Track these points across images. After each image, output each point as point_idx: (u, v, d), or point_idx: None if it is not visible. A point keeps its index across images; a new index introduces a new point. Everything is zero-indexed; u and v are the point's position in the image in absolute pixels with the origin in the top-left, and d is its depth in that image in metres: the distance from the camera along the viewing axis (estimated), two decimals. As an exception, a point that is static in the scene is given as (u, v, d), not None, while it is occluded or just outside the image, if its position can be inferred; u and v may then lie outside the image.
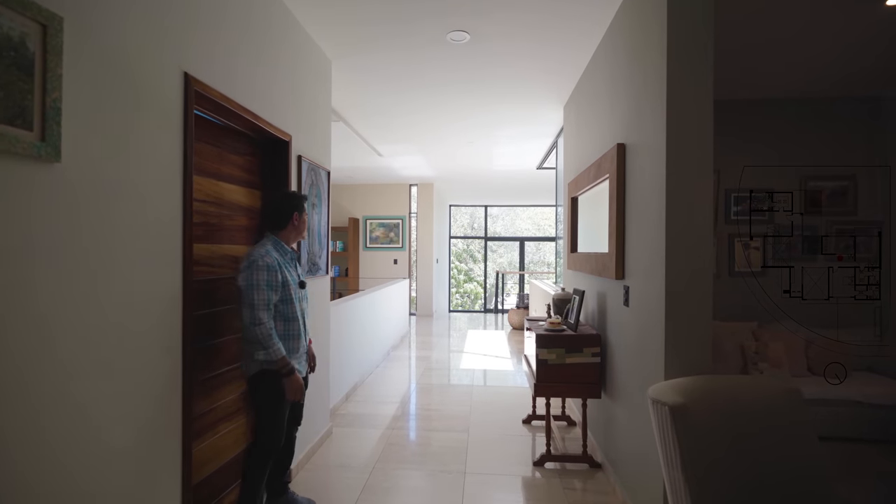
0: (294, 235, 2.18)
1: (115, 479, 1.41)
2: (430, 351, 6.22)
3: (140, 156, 1.50)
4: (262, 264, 1.96)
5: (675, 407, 1.45)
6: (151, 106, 1.54)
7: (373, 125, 4.96)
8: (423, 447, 3.12)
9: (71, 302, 1.25)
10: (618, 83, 2.54)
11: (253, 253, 2.00)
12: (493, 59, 3.25)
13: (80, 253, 1.28)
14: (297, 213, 2.15)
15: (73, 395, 1.27)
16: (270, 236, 2.12)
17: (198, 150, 2.00)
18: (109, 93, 1.37)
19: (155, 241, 1.57)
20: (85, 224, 1.29)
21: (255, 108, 2.23)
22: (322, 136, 3.13)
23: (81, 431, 1.29)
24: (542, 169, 6.97)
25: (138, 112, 1.49)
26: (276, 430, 2.05)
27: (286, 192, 2.17)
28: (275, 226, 2.13)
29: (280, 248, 2.10)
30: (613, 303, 2.59)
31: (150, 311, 1.56)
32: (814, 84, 3.53)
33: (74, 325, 1.27)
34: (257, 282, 1.95)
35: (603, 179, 2.71)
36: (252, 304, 1.94)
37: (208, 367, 2.08)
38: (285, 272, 2.05)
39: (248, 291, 1.94)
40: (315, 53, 2.98)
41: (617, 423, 2.54)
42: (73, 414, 1.27)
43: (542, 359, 2.75)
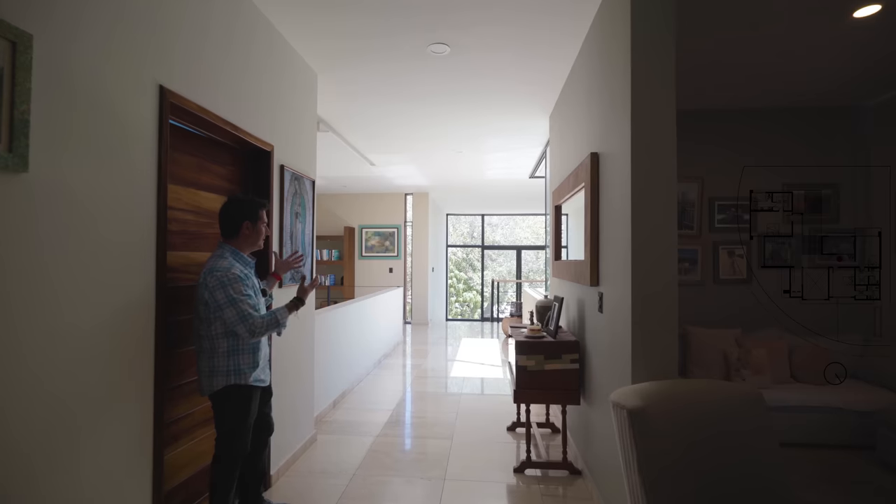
0: (247, 245, 2.05)
1: (80, 485, 1.44)
2: (423, 359, 6.23)
3: (112, 166, 1.55)
4: (230, 276, 1.87)
5: (632, 410, 1.48)
6: (124, 118, 1.60)
7: (363, 136, 5.04)
8: (406, 454, 3.13)
9: (38, 307, 1.30)
10: (592, 93, 2.59)
11: (216, 267, 1.88)
12: (475, 70, 3.32)
13: (49, 261, 1.33)
14: (248, 222, 2.02)
15: (38, 400, 1.30)
16: (227, 246, 2.00)
17: (177, 160, 2.06)
18: (80, 105, 1.42)
19: (126, 248, 1.62)
20: (52, 233, 1.34)
21: (237, 120, 2.29)
22: (307, 147, 3.19)
23: (41, 441, 1.33)
24: (535, 178, 7.03)
25: (110, 124, 1.54)
26: (242, 440, 1.98)
27: (238, 197, 2.04)
28: (227, 234, 2.02)
29: (240, 260, 2.00)
30: (590, 309, 2.62)
31: (122, 319, 1.60)
32: (793, 94, 3.59)
33: (41, 331, 1.31)
34: (233, 295, 1.85)
35: (580, 188, 2.76)
36: (239, 317, 1.84)
37: (186, 372, 2.12)
38: (252, 280, 2.00)
39: (230, 307, 1.84)
40: (300, 66, 3.05)
41: (594, 429, 2.55)
42: (35, 423, 1.30)
43: (521, 365, 2.77)
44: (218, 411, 1.96)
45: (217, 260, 1.93)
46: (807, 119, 3.85)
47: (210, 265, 1.91)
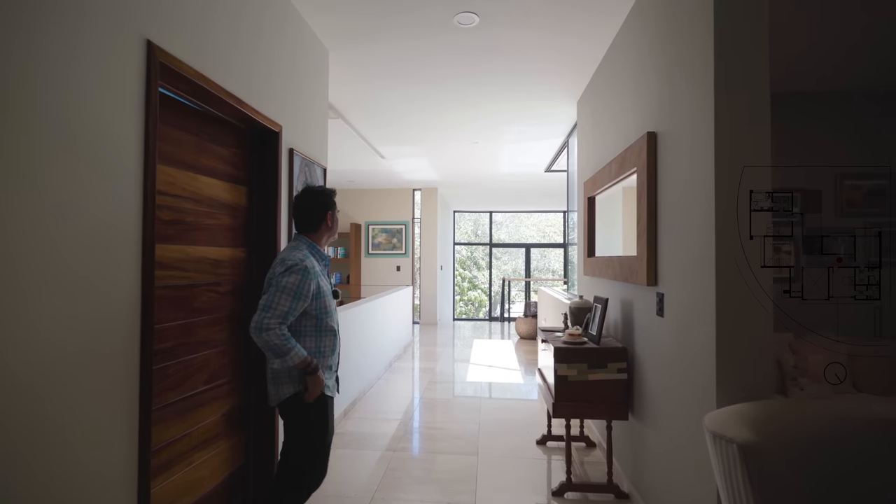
0: (327, 237, 1.98)
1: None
2: (435, 362, 5.91)
3: (85, 139, 1.23)
4: (300, 267, 1.74)
5: (745, 446, 1.16)
6: (102, 80, 1.28)
7: (374, 124, 4.72)
8: (427, 472, 2.82)
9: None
10: (644, 68, 2.27)
11: (289, 257, 1.78)
12: (503, 46, 3.00)
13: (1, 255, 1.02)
14: (330, 211, 1.96)
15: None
16: (304, 239, 1.91)
17: (172, 137, 1.75)
18: (49, 61, 1.11)
19: (102, 239, 1.30)
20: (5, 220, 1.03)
21: (241, 93, 1.97)
22: (318, 130, 2.88)
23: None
24: (551, 172, 6.70)
25: (84, 85, 1.23)
26: (321, 464, 1.85)
27: (313, 188, 2.00)
28: (306, 227, 1.93)
29: (317, 254, 1.90)
30: (643, 312, 2.30)
31: (94, 326, 1.28)
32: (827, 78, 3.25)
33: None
34: (286, 285, 1.72)
35: (628, 174, 2.44)
36: (268, 305, 1.70)
37: (182, 387, 1.81)
38: (320, 280, 1.85)
39: (269, 291, 1.72)
40: (311, 41, 2.74)
41: (648, 448, 2.24)
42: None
43: (561, 375, 2.46)
44: (290, 421, 1.83)
45: (291, 251, 1.83)
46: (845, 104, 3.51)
47: (283, 255, 1.82)
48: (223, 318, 2.05)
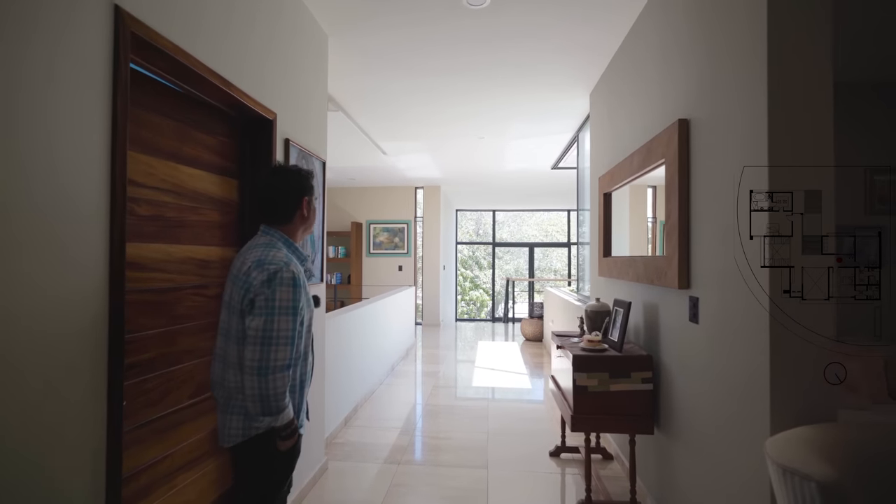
0: (303, 230, 1.55)
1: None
2: (439, 365, 5.72)
3: (38, 121, 1.04)
4: (288, 276, 1.34)
5: (827, 486, 0.96)
6: (62, 51, 1.09)
7: (377, 118, 4.52)
8: (434, 487, 2.63)
9: None
10: (673, 50, 2.07)
11: (270, 258, 1.37)
12: (514, 33, 2.80)
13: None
14: (307, 197, 1.52)
15: None
16: (276, 233, 1.47)
17: (148, 122, 1.55)
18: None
19: (59, 237, 1.11)
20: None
21: (230, 75, 1.77)
22: (317, 120, 2.68)
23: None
24: (558, 169, 6.50)
25: (39, 58, 1.03)
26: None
27: (285, 167, 1.54)
28: (276, 217, 1.48)
29: (297, 253, 1.49)
30: (671, 317, 2.11)
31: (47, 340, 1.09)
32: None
33: None
34: (285, 303, 1.32)
35: (654, 167, 2.24)
36: (271, 337, 1.30)
37: (163, 402, 1.61)
38: (306, 289, 1.45)
39: (260, 314, 1.31)
40: (310, 24, 2.54)
41: (677, 466, 2.04)
42: None
43: (580, 385, 2.26)
44: (248, 466, 1.42)
45: (267, 250, 1.40)
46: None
47: (258, 256, 1.37)
48: (211, 325, 1.85)
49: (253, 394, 1.29)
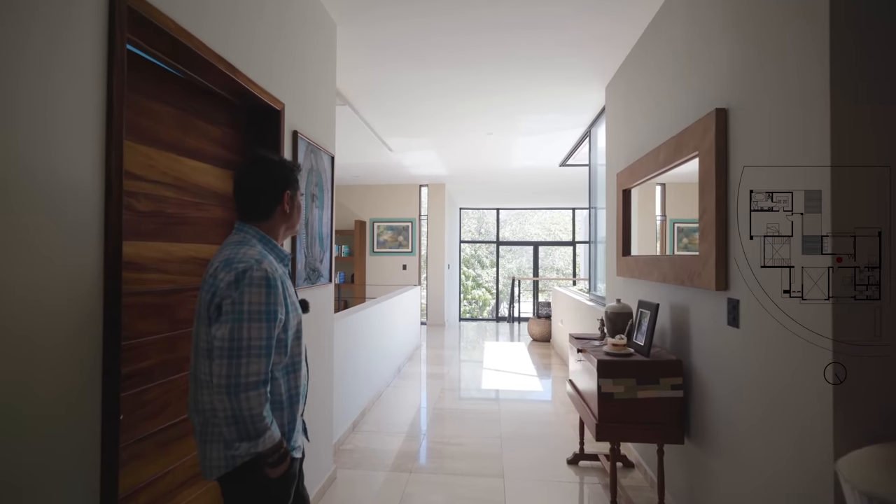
0: (284, 228, 1.34)
1: None
2: (446, 367, 5.59)
3: (25, 106, 0.91)
4: (259, 275, 1.13)
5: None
6: (52, 27, 0.96)
7: (383, 113, 4.39)
8: (449, 498, 2.50)
9: None
10: (703, 35, 1.94)
11: (238, 255, 1.17)
12: (529, 22, 2.66)
13: None
14: (289, 191, 1.32)
15: None
16: (252, 229, 1.27)
17: (149, 110, 1.43)
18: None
19: (44, 235, 0.98)
20: None
21: (236, 61, 1.65)
22: (325, 113, 2.55)
23: None
24: (567, 166, 6.37)
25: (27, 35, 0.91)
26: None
27: (266, 156, 1.34)
28: (253, 213, 1.28)
29: (275, 252, 1.29)
30: (705, 320, 1.98)
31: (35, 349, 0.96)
32: None
33: None
34: (255, 306, 1.12)
35: (685, 160, 2.11)
36: (241, 348, 1.09)
37: (164, 414, 1.49)
38: (288, 290, 1.25)
39: (237, 325, 1.10)
40: (319, 11, 2.41)
41: (713, 478, 1.91)
42: None
43: (605, 392, 2.13)
44: (235, 499, 1.21)
45: (237, 247, 1.20)
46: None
47: (226, 255, 1.18)
48: (215, 329, 1.73)
49: (226, 416, 1.09)
